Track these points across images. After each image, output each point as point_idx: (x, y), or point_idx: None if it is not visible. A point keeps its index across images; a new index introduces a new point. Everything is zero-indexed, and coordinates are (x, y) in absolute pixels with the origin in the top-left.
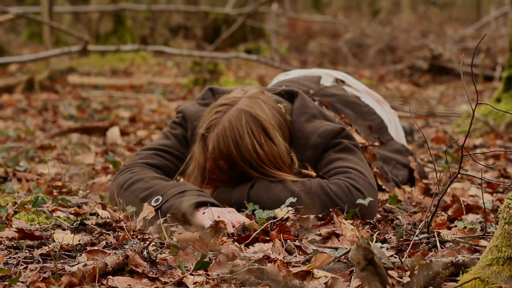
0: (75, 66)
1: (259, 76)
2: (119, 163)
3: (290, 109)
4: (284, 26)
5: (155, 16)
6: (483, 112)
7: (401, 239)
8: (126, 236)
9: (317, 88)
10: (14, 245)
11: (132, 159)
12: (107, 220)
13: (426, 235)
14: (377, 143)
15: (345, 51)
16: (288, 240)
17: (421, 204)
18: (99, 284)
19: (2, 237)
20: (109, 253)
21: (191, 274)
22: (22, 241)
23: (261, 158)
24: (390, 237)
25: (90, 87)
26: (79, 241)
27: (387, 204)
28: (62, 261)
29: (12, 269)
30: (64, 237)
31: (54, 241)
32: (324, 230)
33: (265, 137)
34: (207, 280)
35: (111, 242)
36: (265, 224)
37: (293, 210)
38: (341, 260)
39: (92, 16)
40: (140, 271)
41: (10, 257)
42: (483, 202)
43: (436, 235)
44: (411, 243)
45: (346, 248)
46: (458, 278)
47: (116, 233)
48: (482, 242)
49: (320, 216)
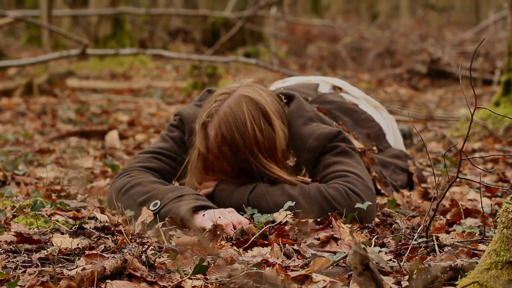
0: (74, 70)
1: (258, 80)
2: (117, 167)
3: (287, 112)
4: (283, 30)
5: (154, 19)
6: (482, 116)
7: (400, 243)
8: (124, 240)
9: (315, 95)
10: (13, 249)
11: (130, 162)
12: (106, 224)
13: (424, 239)
14: (375, 148)
15: (344, 55)
16: (286, 244)
17: (420, 208)
18: None
19: (0, 241)
20: (108, 257)
21: (189, 278)
22: (21, 245)
23: (259, 143)
24: (389, 241)
25: (89, 91)
26: (77, 245)
27: (385, 208)
28: (60, 265)
29: (11, 273)
30: (63, 241)
31: (52, 245)
32: (322, 234)
33: (265, 122)
34: (206, 284)
35: (109, 246)
36: (264, 228)
37: (292, 214)
38: (340, 264)
39: (91, 19)
40: (138, 275)
41: (8, 261)
42: (481, 206)
43: (434, 239)
44: (409, 247)
45: (344, 252)
46: (456, 282)
47: (114, 237)
48: (481, 246)
49: (318, 220)
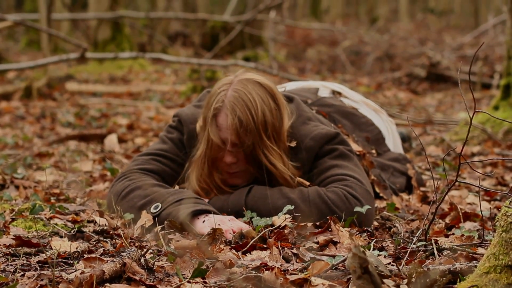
0: (73, 73)
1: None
2: (116, 171)
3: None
4: (282, 33)
5: (153, 23)
6: (481, 119)
7: (399, 247)
8: (123, 244)
9: (315, 98)
10: (12, 252)
11: (129, 165)
12: (105, 228)
13: (423, 242)
14: (373, 151)
15: (343, 59)
16: (285, 248)
17: (419, 212)
18: None
19: None
20: (107, 261)
21: (188, 282)
22: (20, 248)
23: (268, 124)
24: (388, 245)
25: (88, 94)
26: (76, 248)
27: (384, 212)
28: (59, 268)
29: (10, 277)
30: (62, 245)
31: (51, 249)
32: (321, 238)
33: (272, 101)
34: (205, 287)
35: (108, 250)
36: (263, 232)
37: (291, 218)
38: (339, 267)
39: (90, 23)
40: (137, 278)
41: (7, 265)
42: (480, 210)
43: (433, 243)
44: (408, 251)
45: (343, 256)
46: (455, 286)
47: (113, 240)
48: (480, 250)
49: (317, 224)
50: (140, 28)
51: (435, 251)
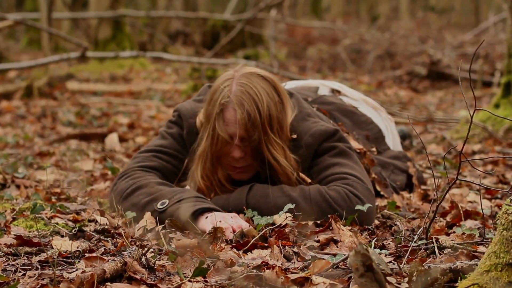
0: (74, 73)
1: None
2: (117, 170)
3: None
4: (283, 32)
5: (154, 22)
6: (481, 118)
7: (400, 245)
8: (124, 243)
9: (315, 96)
10: (13, 251)
11: (130, 163)
12: (106, 227)
13: (424, 241)
14: (374, 149)
15: (344, 57)
16: (286, 247)
17: (420, 210)
18: None
19: (0, 244)
20: (108, 260)
21: (189, 281)
22: (21, 247)
23: (272, 117)
24: (389, 243)
25: (89, 94)
26: (77, 247)
27: (385, 210)
28: (60, 267)
29: (11, 276)
30: (63, 244)
31: (52, 248)
32: (322, 237)
33: (275, 93)
34: (206, 286)
35: (109, 249)
36: (264, 231)
37: (292, 216)
38: (340, 266)
39: (91, 22)
40: (138, 277)
41: (8, 264)
42: (481, 208)
43: (434, 241)
44: (409, 249)
45: (344, 255)
46: (456, 284)
47: (114, 239)
48: (481, 248)
49: (318, 222)
50: (141, 27)
51: (436, 250)
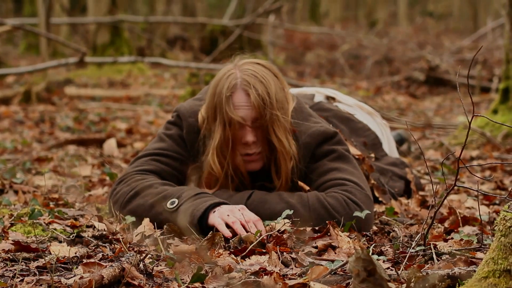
0: (72, 78)
1: None
2: (115, 175)
3: None
4: (281, 37)
5: (152, 27)
6: (480, 123)
7: (398, 252)
8: (122, 249)
9: (312, 103)
10: (11, 257)
11: (127, 168)
12: (104, 232)
13: (422, 247)
14: (372, 155)
15: (342, 63)
16: (284, 253)
17: (418, 216)
18: None
19: None
20: (106, 266)
21: (187, 287)
22: (19, 253)
23: (278, 100)
24: (387, 250)
25: (87, 99)
26: (75, 253)
27: (383, 216)
28: (58, 273)
29: (8, 282)
30: (61, 250)
31: (50, 254)
32: (320, 243)
33: (277, 79)
34: None
35: (107, 255)
36: (262, 237)
37: (290, 223)
38: (338, 272)
39: (89, 27)
40: (136, 283)
41: (6, 270)
42: (479, 214)
43: (432, 247)
44: (407, 256)
45: (342, 261)
46: None
47: (112, 245)
48: (479, 255)
49: (316, 228)
50: (139, 32)
51: (434, 256)
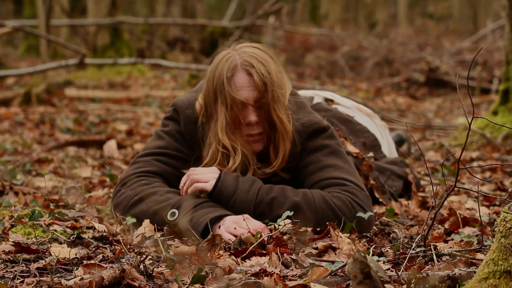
0: (72, 79)
1: None
2: (116, 177)
3: None
4: (281, 39)
5: (152, 29)
6: (480, 125)
7: (398, 253)
8: (122, 250)
9: (311, 104)
10: (11, 258)
11: (130, 168)
12: (104, 234)
13: (422, 248)
14: (371, 154)
15: (342, 64)
16: (284, 254)
17: (418, 217)
18: None
19: None
20: (106, 267)
21: None
22: (19, 254)
23: (278, 80)
24: (387, 251)
25: (87, 100)
26: (75, 254)
27: (383, 217)
28: (58, 275)
29: (9, 283)
30: (61, 251)
31: (50, 255)
32: (320, 244)
33: (275, 63)
34: None
35: (107, 256)
36: (262, 238)
37: (293, 222)
38: (338, 273)
39: (90, 29)
40: (136, 285)
41: (6, 271)
42: (479, 215)
43: (432, 248)
44: (407, 257)
45: (342, 262)
46: None
47: (112, 246)
48: (479, 256)
49: (317, 229)
50: (139, 33)
51: (434, 257)
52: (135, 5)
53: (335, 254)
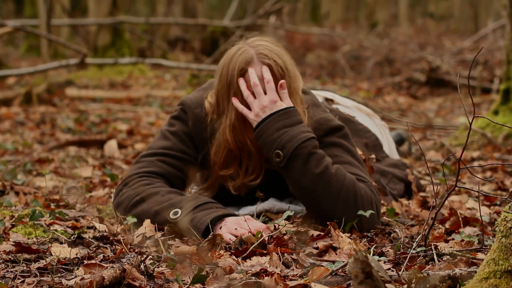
0: (73, 79)
1: None
2: (116, 177)
3: None
4: (282, 38)
5: (153, 28)
6: (480, 124)
7: (399, 252)
8: (123, 250)
9: None
10: (11, 258)
11: (133, 168)
12: (105, 234)
13: (423, 248)
14: (373, 156)
15: (343, 64)
16: (285, 254)
17: (419, 217)
18: None
19: None
20: (106, 267)
21: None
22: (19, 254)
23: (293, 71)
24: (388, 250)
25: (88, 100)
26: (76, 254)
27: (384, 217)
28: (59, 274)
29: (9, 283)
30: (62, 251)
31: (51, 255)
32: (321, 243)
33: (288, 56)
34: None
35: (108, 256)
36: (262, 237)
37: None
38: (339, 273)
39: (90, 29)
40: (137, 285)
41: (7, 271)
42: (480, 215)
43: (433, 248)
44: (408, 256)
45: (343, 261)
46: None
47: (113, 246)
48: (480, 255)
49: (317, 231)
50: (140, 33)
51: (435, 257)
52: (136, 4)
53: (336, 254)
